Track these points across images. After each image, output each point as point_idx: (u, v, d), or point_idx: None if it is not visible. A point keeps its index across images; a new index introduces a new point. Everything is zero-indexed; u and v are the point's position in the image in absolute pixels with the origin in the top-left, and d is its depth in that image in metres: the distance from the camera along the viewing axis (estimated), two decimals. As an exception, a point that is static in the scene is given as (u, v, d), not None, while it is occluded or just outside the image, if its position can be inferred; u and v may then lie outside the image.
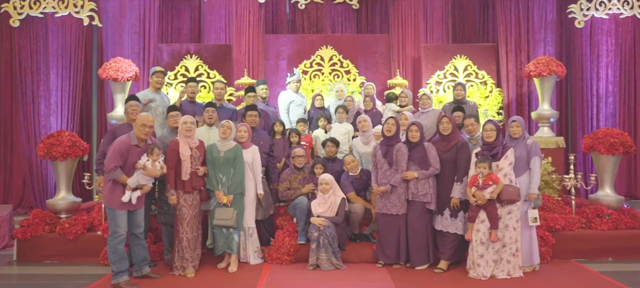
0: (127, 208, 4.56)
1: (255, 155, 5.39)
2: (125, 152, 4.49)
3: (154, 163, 4.63)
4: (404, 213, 5.17)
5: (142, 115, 4.62)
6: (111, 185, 4.51)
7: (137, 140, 4.59)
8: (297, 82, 7.37)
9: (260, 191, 5.40)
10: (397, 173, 5.10)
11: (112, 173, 4.43)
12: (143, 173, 4.56)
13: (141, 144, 4.62)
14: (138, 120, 4.58)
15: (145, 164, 4.58)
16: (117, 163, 4.44)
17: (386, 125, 5.24)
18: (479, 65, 8.59)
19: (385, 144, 5.26)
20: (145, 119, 4.58)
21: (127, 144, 4.52)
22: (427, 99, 6.42)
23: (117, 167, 4.43)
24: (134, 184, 4.53)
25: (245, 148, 5.31)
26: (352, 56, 8.97)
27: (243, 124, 5.48)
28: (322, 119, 6.82)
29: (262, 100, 6.92)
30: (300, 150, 5.92)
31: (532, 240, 5.08)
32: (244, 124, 5.49)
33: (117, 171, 4.44)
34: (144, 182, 4.62)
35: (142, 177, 4.58)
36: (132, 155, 4.54)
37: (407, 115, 5.82)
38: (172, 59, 8.48)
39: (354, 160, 5.73)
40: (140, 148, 4.61)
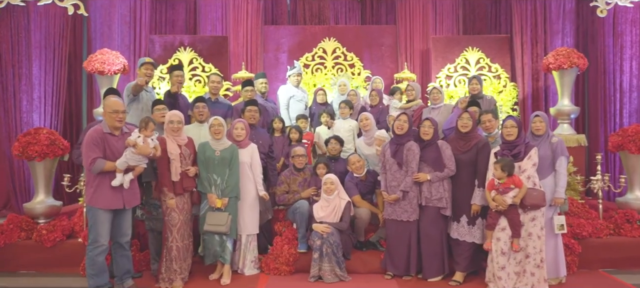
0: (114, 206, 4.06)
1: (253, 154, 4.97)
2: (100, 140, 4.00)
3: (146, 140, 4.13)
4: (415, 219, 4.72)
5: (111, 100, 4.13)
6: (97, 184, 4.04)
7: (110, 128, 4.10)
8: (297, 75, 6.92)
9: (262, 192, 4.96)
10: (408, 176, 4.64)
11: (95, 167, 3.95)
12: (133, 152, 4.04)
13: (116, 132, 4.14)
14: (107, 107, 4.10)
15: (136, 141, 4.07)
16: (96, 155, 3.96)
17: (397, 123, 4.79)
18: (492, 57, 8.13)
19: (395, 143, 4.81)
20: (115, 104, 4.08)
21: (100, 132, 4.04)
22: (438, 93, 5.97)
23: (96, 158, 3.95)
24: (123, 165, 4.03)
25: (243, 148, 4.89)
26: (357, 49, 8.54)
27: (240, 120, 5.04)
28: (325, 114, 6.37)
29: (261, 95, 6.50)
30: (300, 149, 5.47)
31: (557, 249, 4.63)
32: (241, 120, 5.04)
33: (98, 162, 3.95)
34: (135, 163, 4.09)
35: (132, 156, 4.04)
36: (110, 145, 4.06)
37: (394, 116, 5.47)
38: (165, 51, 8.04)
39: (359, 159, 5.29)
40: (116, 137, 4.13)
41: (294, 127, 6.00)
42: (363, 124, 5.70)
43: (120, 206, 4.11)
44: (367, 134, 5.72)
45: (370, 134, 5.70)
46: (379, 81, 7.20)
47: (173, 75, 5.66)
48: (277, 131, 6.00)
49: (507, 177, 4.27)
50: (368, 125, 5.70)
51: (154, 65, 5.43)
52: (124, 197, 4.12)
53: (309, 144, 6.20)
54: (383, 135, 5.51)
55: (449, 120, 5.50)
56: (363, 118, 5.74)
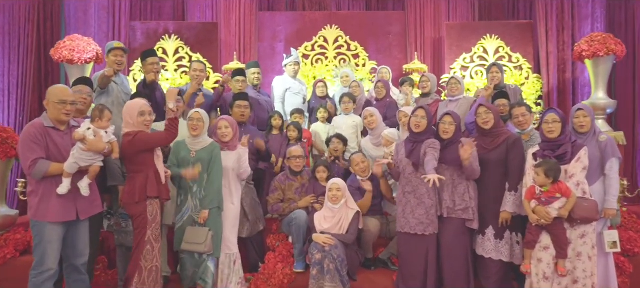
0: (65, 218, 3.30)
1: (242, 160, 4.18)
2: (41, 137, 3.24)
3: (99, 134, 3.36)
4: (433, 233, 3.95)
5: (58, 88, 3.37)
6: (42, 193, 3.28)
7: (54, 122, 3.33)
8: (295, 64, 6.18)
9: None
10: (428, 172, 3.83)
11: (37, 170, 3.18)
12: (82, 149, 3.29)
13: (62, 127, 3.37)
14: (51, 95, 3.32)
15: (85, 134, 3.30)
16: (37, 155, 3.19)
17: (414, 119, 4.03)
18: (513, 46, 7.43)
19: (411, 141, 4.04)
20: (62, 93, 3.32)
21: (40, 127, 3.27)
22: (457, 84, 5.20)
23: (37, 159, 3.19)
24: (72, 167, 3.26)
25: (231, 150, 4.11)
26: (361, 37, 7.87)
27: (224, 118, 4.26)
28: (322, 109, 5.66)
29: (254, 87, 5.78)
30: (297, 149, 4.72)
31: (608, 270, 3.88)
32: (225, 118, 4.26)
33: (40, 164, 3.19)
34: (86, 163, 3.32)
35: (82, 154, 3.29)
36: (55, 143, 3.30)
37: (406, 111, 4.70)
38: (148, 39, 7.33)
39: (363, 159, 4.53)
40: (62, 133, 3.37)
41: (292, 124, 5.29)
42: (368, 121, 4.94)
43: (73, 217, 3.35)
44: (374, 133, 4.96)
45: (376, 132, 4.94)
46: (386, 71, 6.48)
47: (147, 63, 4.90)
48: (275, 129, 5.30)
49: (552, 184, 3.50)
50: (373, 123, 4.94)
51: (124, 50, 4.65)
52: (77, 205, 3.37)
53: (309, 142, 5.50)
54: (392, 135, 4.74)
55: (472, 112, 4.73)
56: (367, 114, 4.98)
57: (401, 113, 4.80)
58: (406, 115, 4.61)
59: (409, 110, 4.61)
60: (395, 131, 4.81)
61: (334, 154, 5.04)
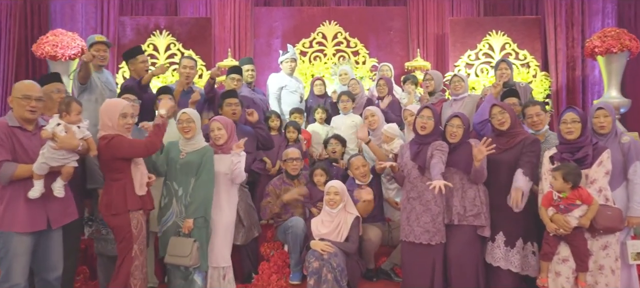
0: (35, 227, 2.98)
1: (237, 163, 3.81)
2: (6, 137, 2.92)
3: (70, 129, 3.00)
4: (440, 242, 3.64)
5: (24, 83, 3.06)
6: (8, 199, 2.96)
7: (20, 120, 3.01)
8: (291, 61, 5.88)
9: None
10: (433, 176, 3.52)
11: (1, 174, 2.88)
12: (53, 147, 2.94)
13: (29, 126, 3.05)
14: (16, 91, 3.00)
15: (55, 130, 2.95)
16: (2, 158, 2.88)
17: (420, 120, 3.74)
18: (520, 43, 7.20)
19: (417, 143, 3.74)
20: (27, 88, 3.01)
21: (4, 127, 2.95)
22: (460, 82, 4.89)
23: (2, 162, 2.87)
24: (42, 169, 2.93)
25: (225, 153, 3.79)
26: (361, 34, 7.65)
27: (218, 118, 3.93)
28: (320, 109, 5.38)
29: (248, 85, 5.47)
30: (294, 151, 4.42)
31: (631, 284, 3.57)
32: (219, 118, 3.93)
33: (5, 167, 2.88)
34: (58, 162, 2.98)
35: (53, 153, 2.94)
36: (21, 143, 2.98)
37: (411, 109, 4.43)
38: (138, 35, 7.05)
39: (364, 163, 4.23)
40: (29, 133, 3.05)
41: (291, 124, 4.99)
42: (369, 121, 4.64)
43: (43, 226, 3.04)
44: (375, 133, 4.66)
45: (378, 132, 4.65)
46: (388, 68, 6.19)
47: (138, 61, 4.61)
48: (273, 130, 5.02)
49: (571, 190, 3.20)
50: (375, 123, 4.64)
51: (107, 44, 4.34)
52: (48, 213, 3.05)
53: (308, 143, 5.22)
54: (392, 130, 4.42)
55: (480, 111, 4.44)
56: (368, 113, 4.68)
57: (406, 112, 4.48)
58: (412, 114, 4.30)
59: (415, 108, 4.31)
60: (395, 126, 4.49)
61: (332, 156, 4.74)
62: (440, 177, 3.36)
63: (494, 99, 4.36)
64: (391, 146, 4.35)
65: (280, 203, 4.20)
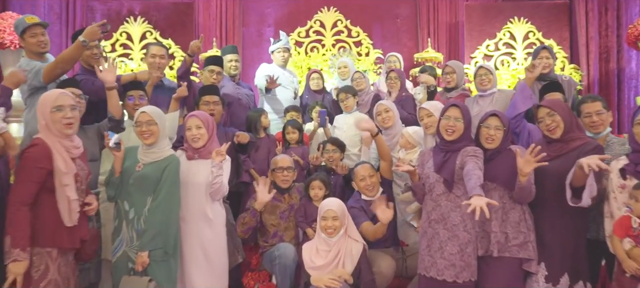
0: None
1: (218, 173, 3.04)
2: None
3: None
4: (470, 280, 2.81)
5: None
6: None
7: None
8: (284, 50, 5.11)
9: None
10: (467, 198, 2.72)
11: None
12: None
13: None
14: None
15: None
16: None
17: (446, 121, 2.92)
18: (546, 31, 6.56)
19: (442, 150, 2.92)
20: None
21: None
22: (487, 75, 4.08)
23: None
24: None
25: (204, 158, 3.03)
26: (364, 22, 6.97)
27: (197, 114, 3.13)
28: (317, 107, 4.61)
29: (231, 78, 4.71)
30: (284, 159, 3.61)
31: None
32: (198, 114, 3.13)
33: None
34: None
35: None
36: None
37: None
38: (109, 22, 6.09)
39: (371, 173, 3.41)
40: None
41: (291, 124, 4.27)
42: (382, 117, 3.80)
43: None
44: (389, 133, 3.82)
45: (392, 131, 3.81)
46: (396, 59, 5.38)
47: (95, 46, 3.80)
48: (260, 131, 4.25)
49: (658, 216, 2.38)
50: (389, 120, 3.80)
51: (43, 25, 3.51)
52: None
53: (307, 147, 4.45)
54: (417, 135, 3.59)
55: (514, 103, 3.65)
56: (381, 109, 3.85)
57: (423, 111, 3.66)
58: (430, 114, 3.48)
59: (434, 107, 3.49)
60: (420, 131, 3.64)
61: (328, 164, 3.94)
62: (480, 191, 2.52)
63: (527, 86, 3.66)
64: (411, 155, 3.51)
65: (253, 215, 3.36)
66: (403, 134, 3.53)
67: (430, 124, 3.48)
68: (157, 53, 4.02)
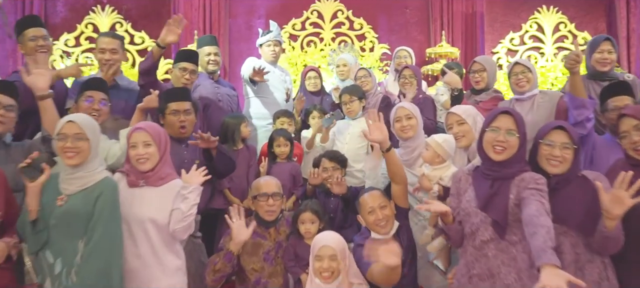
0: None
1: (184, 205, 2.31)
2: None
3: None
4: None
5: None
6: None
7: None
8: (274, 44, 4.35)
9: None
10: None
11: None
12: None
13: None
14: None
15: None
16: None
17: (492, 134, 2.12)
18: (579, 22, 6.00)
19: (489, 174, 2.12)
20: None
21: None
22: (525, 73, 3.26)
23: None
24: None
25: (154, 185, 2.32)
26: (368, 13, 6.29)
27: (143, 126, 2.38)
28: (316, 111, 3.91)
29: (209, 75, 3.99)
30: (269, 182, 2.80)
31: None
32: (144, 125, 2.38)
33: None
34: None
35: None
36: None
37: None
38: (72, 13, 5.80)
39: (383, 202, 2.59)
40: None
41: (280, 134, 3.53)
42: (401, 125, 2.93)
43: None
44: (408, 146, 2.96)
45: (413, 144, 2.94)
46: (407, 54, 4.64)
47: (26, 38, 3.07)
48: (237, 142, 3.51)
49: None
50: (410, 129, 2.92)
51: None
52: None
53: (299, 159, 3.75)
54: (444, 143, 2.68)
55: (574, 103, 2.87)
56: (402, 114, 2.94)
57: (453, 117, 2.80)
58: (462, 121, 2.67)
59: (467, 112, 2.67)
60: (453, 140, 2.76)
61: (326, 184, 3.15)
62: (553, 255, 1.72)
63: (578, 91, 2.89)
64: (441, 172, 2.64)
65: (227, 259, 2.54)
66: (429, 144, 2.63)
67: (461, 133, 2.68)
68: (108, 46, 3.23)
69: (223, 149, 3.04)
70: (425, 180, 2.49)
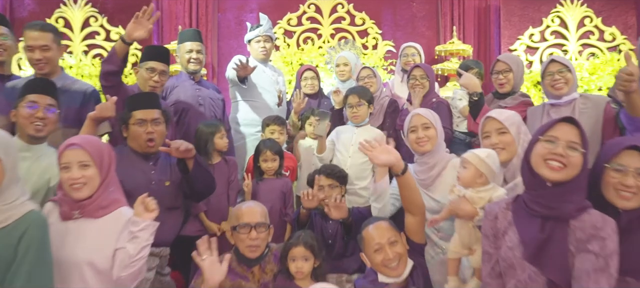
0: None
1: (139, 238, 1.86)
2: None
3: None
4: None
5: None
6: None
7: None
8: (265, 40, 3.91)
9: None
10: None
11: None
12: None
13: None
14: None
15: None
16: None
17: (550, 147, 1.60)
18: (606, 16, 5.53)
19: (539, 208, 1.61)
20: None
21: None
22: (564, 72, 2.74)
23: None
24: None
25: (92, 217, 1.90)
26: (371, 6, 5.82)
27: (77, 143, 1.92)
28: (313, 118, 3.43)
29: (190, 75, 3.52)
30: (253, 211, 2.31)
31: None
32: (79, 143, 1.92)
33: None
34: None
35: None
36: None
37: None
38: (41, 6, 5.29)
39: (394, 238, 2.09)
40: None
41: (267, 146, 3.06)
42: (416, 137, 2.40)
43: None
44: (425, 162, 2.42)
45: (432, 159, 2.41)
46: (415, 51, 4.17)
47: None
48: (213, 155, 3.04)
49: None
50: (428, 141, 2.39)
51: None
52: None
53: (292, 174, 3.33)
54: (488, 158, 2.09)
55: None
56: (418, 123, 2.39)
57: (492, 123, 2.24)
58: (504, 130, 2.15)
59: (510, 119, 2.16)
60: (496, 156, 2.17)
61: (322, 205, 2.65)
62: None
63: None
64: (492, 194, 2.07)
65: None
66: (468, 161, 2.07)
67: (500, 145, 2.14)
68: (36, 43, 2.73)
69: (202, 162, 2.54)
70: (466, 204, 1.93)
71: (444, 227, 2.23)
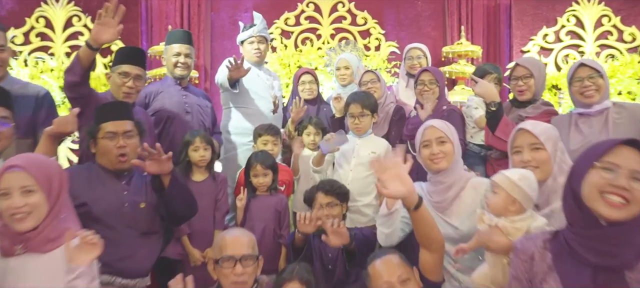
0: None
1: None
2: None
3: None
4: None
5: None
6: None
7: None
8: (259, 41, 3.63)
9: None
10: None
11: None
12: None
13: None
14: None
15: None
16: None
17: (609, 178, 1.29)
18: (625, 15, 5.19)
19: (592, 248, 1.32)
20: None
21: None
22: (596, 79, 2.46)
23: None
24: None
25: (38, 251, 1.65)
26: (373, 5, 5.61)
27: (18, 164, 1.64)
28: (311, 126, 3.20)
29: (176, 80, 3.26)
30: (239, 241, 2.03)
31: None
32: (20, 164, 1.64)
33: None
34: None
35: None
36: None
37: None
38: (21, 5, 5.01)
39: (405, 275, 1.84)
40: None
41: (258, 160, 2.77)
42: (430, 153, 2.09)
43: None
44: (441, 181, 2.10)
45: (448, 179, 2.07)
46: (421, 53, 3.88)
47: None
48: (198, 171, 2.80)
49: None
50: (444, 158, 2.07)
51: None
52: None
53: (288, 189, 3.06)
54: (521, 181, 1.70)
55: None
56: (432, 137, 2.10)
57: (525, 136, 1.89)
58: (539, 146, 1.86)
59: (546, 132, 1.87)
60: (533, 178, 1.76)
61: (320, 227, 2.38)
62: None
63: None
64: (531, 223, 1.72)
65: None
66: (498, 185, 1.73)
67: (534, 163, 1.84)
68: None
69: (180, 178, 2.25)
70: (500, 236, 1.61)
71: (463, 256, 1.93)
